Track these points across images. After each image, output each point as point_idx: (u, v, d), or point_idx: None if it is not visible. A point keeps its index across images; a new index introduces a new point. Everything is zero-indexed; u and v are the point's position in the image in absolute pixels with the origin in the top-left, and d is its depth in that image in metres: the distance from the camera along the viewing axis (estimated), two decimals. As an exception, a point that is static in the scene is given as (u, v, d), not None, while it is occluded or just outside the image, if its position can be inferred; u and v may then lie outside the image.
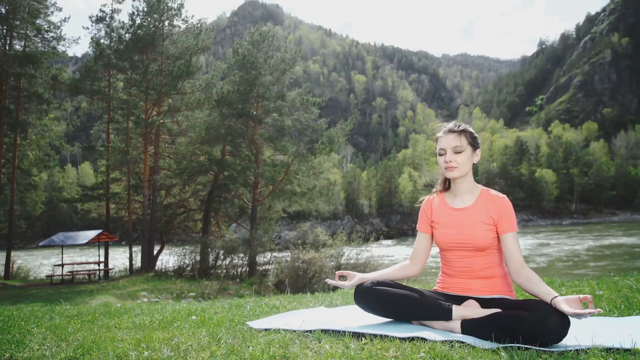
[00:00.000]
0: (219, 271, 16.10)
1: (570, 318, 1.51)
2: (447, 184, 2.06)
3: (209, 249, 16.74)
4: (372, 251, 15.34)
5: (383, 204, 68.26)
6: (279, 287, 13.32)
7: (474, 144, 1.94)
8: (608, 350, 1.30)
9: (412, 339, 1.54)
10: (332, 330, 1.72)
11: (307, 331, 1.73)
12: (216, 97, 18.32)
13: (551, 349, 1.42)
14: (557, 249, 28.36)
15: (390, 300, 1.80)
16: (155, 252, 19.12)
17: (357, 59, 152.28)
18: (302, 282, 12.77)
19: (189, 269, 16.52)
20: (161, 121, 17.80)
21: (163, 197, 20.58)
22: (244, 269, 16.78)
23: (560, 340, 1.49)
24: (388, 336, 1.58)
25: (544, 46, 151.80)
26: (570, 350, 1.36)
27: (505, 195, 1.91)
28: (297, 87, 23.00)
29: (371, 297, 1.84)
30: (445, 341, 1.50)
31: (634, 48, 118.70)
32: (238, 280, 15.37)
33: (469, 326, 1.66)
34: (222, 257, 16.49)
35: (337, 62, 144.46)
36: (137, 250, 19.25)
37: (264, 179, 18.91)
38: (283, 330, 1.78)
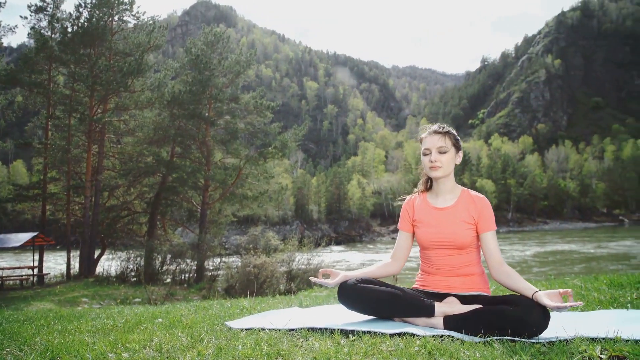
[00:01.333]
0: (166, 276, 15.55)
1: (550, 311, 1.62)
2: (428, 184, 2.13)
3: (155, 254, 16.13)
4: (324, 257, 15.44)
5: (332, 210, 68.87)
6: (229, 292, 13.06)
7: (457, 145, 2.03)
8: (593, 339, 1.41)
9: (402, 334, 1.58)
10: (318, 329, 1.73)
11: (292, 330, 1.73)
12: (167, 97, 17.77)
13: (537, 340, 1.50)
14: (503, 256, 29.78)
15: (374, 297, 1.84)
16: (95, 256, 18.14)
17: (309, 65, 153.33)
18: (254, 287, 12.60)
19: (132, 274, 15.84)
20: (107, 119, 16.98)
21: (106, 198, 19.60)
22: (191, 274, 16.32)
23: (541, 332, 1.58)
24: (377, 332, 1.61)
25: (486, 63, 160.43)
26: (555, 341, 1.45)
27: (484, 196, 2.01)
28: (249, 90, 22.77)
29: (355, 294, 1.87)
30: (435, 336, 1.55)
31: (565, 69, 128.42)
32: (186, 285, 14.92)
33: (452, 322, 1.72)
34: (169, 261, 15.94)
35: (289, 68, 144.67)
36: (75, 254, 18.19)
37: (215, 182, 18.54)
38: (268, 329, 1.76)
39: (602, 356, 1.22)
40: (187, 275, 15.97)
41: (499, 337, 1.53)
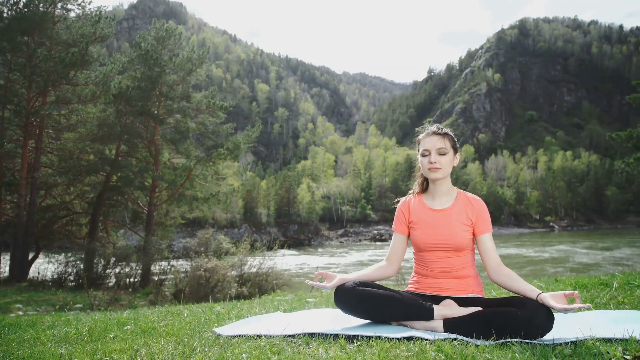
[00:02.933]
0: (108, 280, 14.74)
1: (554, 312, 1.64)
2: (424, 186, 2.11)
3: (97, 257, 15.24)
4: (276, 260, 15.27)
5: (281, 213, 68.53)
6: (177, 297, 12.58)
7: (455, 147, 2.02)
8: (606, 340, 1.44)
9: (410, 338, 1.55)
10: (318, 334, 1.66)
11: (290, 335, 1.65)
12: (114, 92, 16.90)
13: (552, 342, 1.49)
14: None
15: (373, 300, 1.80)
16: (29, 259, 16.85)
17: (261, 67, 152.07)
18: (204, 292, 12.22)
19: (71, 278, 14.87)
20: (46, 112, 15.87)
21: (42, 197, 18.30)
22: (136, 279, 15.56)
23: (545, 334, 1.60)
24: (383, 337, 1.56)
25: (432, 74, 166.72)
26: (568, 343, 1.47)
27: (480, 198, 2.03)
28: (199, 90, 22.19)
29: (354, 297, 1.82)
30: (446, 339, 1.53)
31: (504, 83, 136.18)
32: (131, 290, 14.21)
33: (452, 325, 1.71)
34: (112, 265, 15.12)
35: (241, 69, 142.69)
36: (5, 257, 16.81)
37: (164, 182, 17.85)
38: (265, 335, 1.67)
39: (627, 357, 1.25)
40: (132, 279, 15.21)
41: (509, 340, 1.53)
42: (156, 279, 15.63)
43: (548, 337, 1.58)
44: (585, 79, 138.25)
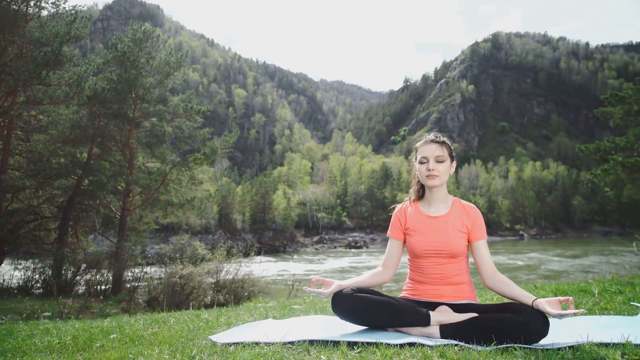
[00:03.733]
0: (78, 288, 14.28)
1: (549, 318, 1.68)
2: (420, 193, 2.13)
3: (67, 263, 14.74)
4: (253, 267, 15.12)
5: (256, 219, 68.00)
6: (151, 305, 12.29)
7: (451, 155, 2.06)
8: (606, 345, 1.48)
9: (410, 344, 1.56)
10: (318, 341, 1.65)
11: (288, 343, 1.63)
12: (88, 93, 16.50)
13: (552, 346, 1.51)
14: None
15: (371, 307, 1.80)
16: (-7, 265, 16.16)
17: (238, 72, 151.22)
18: (179, 299, 11.97)
19: (39, 285, 14.33)
20: (16, 113, 15.34)
21: (9, 201, 17.62)
22: (108, 286, 15.13)
23: (541, 339, 1.63)
24: (385, 344, 1.57)
25: (408, 83, 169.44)
26: (567, 347, 1.51)
27: (474, 205, 2.06)
28: (176, 94, 21.87)
29: (352, 303, 1.81)
30: (447, 345, 1.54)
31: (477, 94, 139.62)
32: (102, 297, 13.79)
33: (449, 330, 1.72)
34: (82, 272, 14.66)
35: (218, 74, 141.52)
36: (-33, 263, 16.07)
37: (138, 186, 17.48)
38: (265, 343, 1.65)
39: None
40: (103, 286, 14.77)
41: (511, 345, 1.55)
42: (129, 286, 15.24)
43: (548, 341, 1.62)
44: (554, 93, 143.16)
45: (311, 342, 1.65)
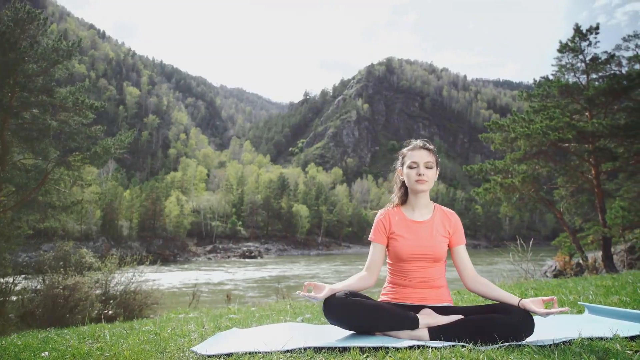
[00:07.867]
0: None
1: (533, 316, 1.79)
2: (404, 198, 2.19)
3: None
4: (147, 276, 14.15)
5: (145, 226, 63.66)
6: (26, 321, 10.80)
7: (437, 163, 2.15)
8: (592, 339, 1.62)
9: (412, 347, 1.58)
10: (316, 348, 1.61)
11: (287, 351, 1.57)
12: (-47, 75, 14.17)
13: (553, 342, 1.60)
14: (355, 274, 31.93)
15: (364, 311, 1.81)
16: None
17: (132, 70, 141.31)
18: (61, 313, 10.71)
19: None
20: None
21: None
22: (-34, 299, 12.95)
23: (527, 337, 1.73)
24: (389, 348, 1.57)
25: (308, 97, 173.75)
26: (558, 344, 1.62)
27: (453, 211, 2.17)
28: (63, 85, 19.75)
29: (347, 308, 1.81)
30: (447, 346, 1.59)
31: (371, 113, 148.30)
32: (-40, 313, 11.77)
33: (438, 332, 1.79)
34: None
35: (108, 69, 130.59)
36: None
37: (12, 185, 15.35)
38: (262, 352, 1.56)
39: (629, 351, 1.42)
40: (-39, 300, 12.60)
41: (515, 343, 1.63)
42: (-5, 299, 13.21)
43: (548, 337, 1.71)
44: (437, 117, 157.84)
45: (307, 348, 1.60)
